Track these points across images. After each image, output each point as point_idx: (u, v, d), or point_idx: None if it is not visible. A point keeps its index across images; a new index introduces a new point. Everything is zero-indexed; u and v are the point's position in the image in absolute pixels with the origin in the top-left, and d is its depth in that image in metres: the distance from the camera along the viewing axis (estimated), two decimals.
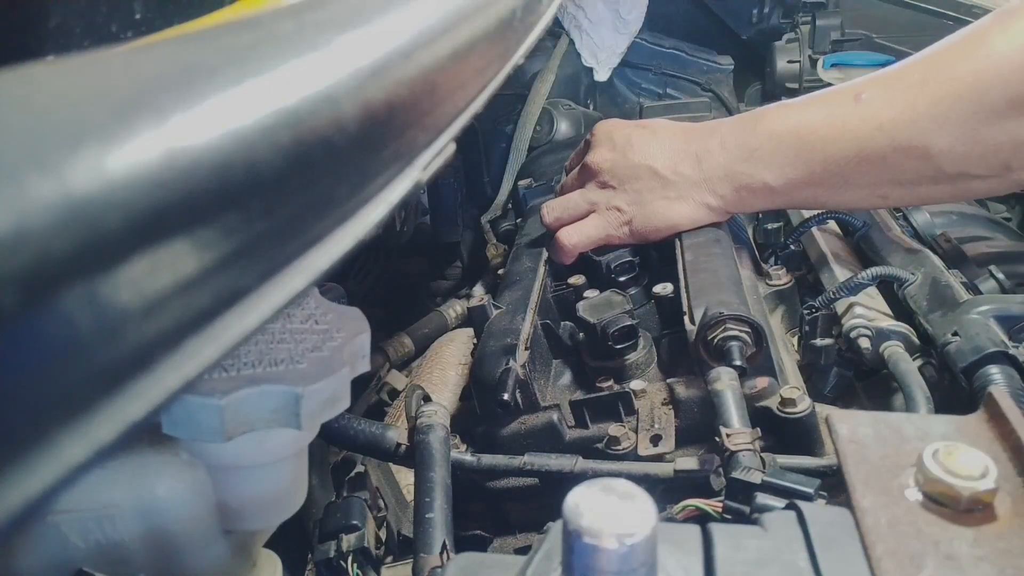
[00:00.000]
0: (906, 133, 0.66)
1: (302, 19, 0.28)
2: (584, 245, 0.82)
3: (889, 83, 0.69)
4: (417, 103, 0.32)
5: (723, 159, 0.76)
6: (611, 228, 0.81)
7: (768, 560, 0.36)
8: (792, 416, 0.61)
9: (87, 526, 0.46)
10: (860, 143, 0.69)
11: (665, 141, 0.80)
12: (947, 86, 0.64)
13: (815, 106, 0.73)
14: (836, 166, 0.70)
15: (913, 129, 0.66)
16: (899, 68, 0.70)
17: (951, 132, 0.64)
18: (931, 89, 0.65)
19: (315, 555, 0.60)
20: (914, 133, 0.66)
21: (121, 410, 0.19)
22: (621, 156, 0.81)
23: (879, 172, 0.69)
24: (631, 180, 0.80)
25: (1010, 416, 0.41)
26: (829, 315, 0.76)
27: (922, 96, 0.65)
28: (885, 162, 0.68)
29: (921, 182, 0.68)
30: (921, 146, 0.66)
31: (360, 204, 0.29)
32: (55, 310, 0.16)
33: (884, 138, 0.67)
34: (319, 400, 0.45)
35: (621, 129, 0.84)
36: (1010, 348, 0.65)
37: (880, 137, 0.67)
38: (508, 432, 0.69)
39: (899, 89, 0.67)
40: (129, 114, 0.19)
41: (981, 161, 0.65)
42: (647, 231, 0.80)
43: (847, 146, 0.69)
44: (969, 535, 0.36)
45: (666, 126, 0.84)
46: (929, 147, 0.65)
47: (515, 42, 0.50)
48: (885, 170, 0.69)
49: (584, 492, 0.31)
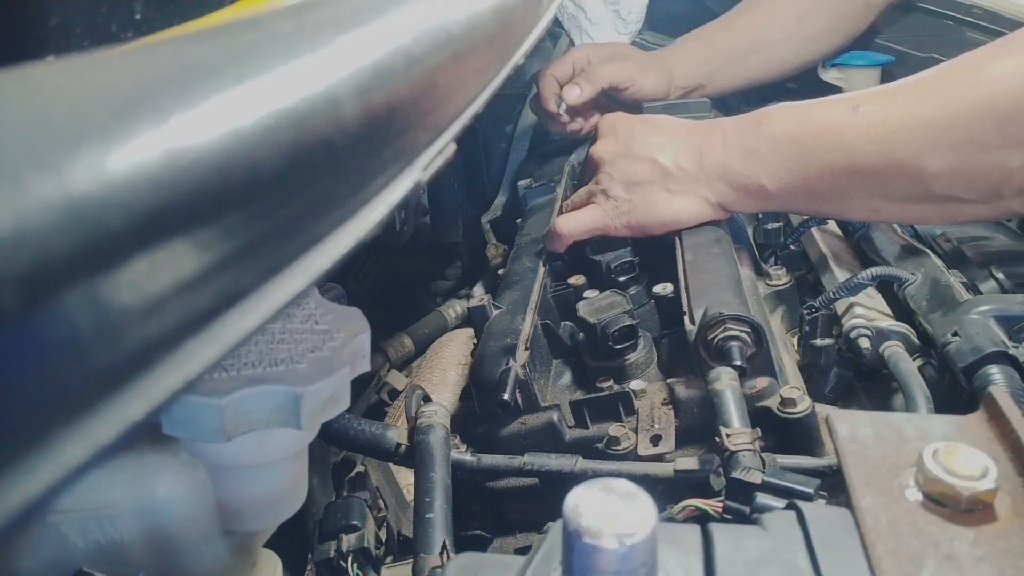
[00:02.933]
0: (899, 150, 0.67)
1: (302, 19, 0.28)
2: (579, 233, 0.83)
3: (887, 99, 0.69)
4: (417, 103, 0.32)
5: (723, 156, 0.76)
6: (609, 218, 0.81)
7: (768, 560, 0.36)
8: (792, 416, 0.61)
9: (87, 526, 0.46)
10: (854, 154, 0.69)
11: (668, 135, 0.80)
12: (942, 110, 0.65)
13: (814, 113, 0.74)
14: (830, 175, 0.71)
15: (906, 148, 0.66)
16: (898, 85, 0.70)
17: (942, 156, 0.65)
18: (927, 111, 0.65)
19: (315, 555, 0.60)
20: (907, 151, 0.66)
21: (121, 410, 0.19)
22: (623, 148, 0.81)
23: (871, 185, 0.70)
24: (632, 172, 0.80)
25: (1010, 416, 0.41)
26: (829, 315, 0.76)
27: (918, 117, 0.66)
28: (878, 176, 0.68)
29: (912, 200, 0.69)
30: (913, 165, 0.66)
31: (360, 204, 0.29)
32: (55, 310, 0.16)
33: (877, 152, 0.67)
34: (319, 400, 0.45)
35: (624, 122, 0.85)
36: (1010, 348, 0.65)
37: (873, 151, 0.68)
38: (508, 432, 0.69)
39: (896, 106, 0.68)
40: (129, 114, 0.19)
41: (970, 187, 0.65)
42: (647, 224, 0.80)
43: (841, 156, 0.70)
44: (969, 535, 0.36)
45: (669, 121, 0.84)
46: (921, 167, 0.66)
47: (515, 42, 0.51)
48: (877, 184, 0.69)
49: (584, 492, 0.31)
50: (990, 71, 0.64)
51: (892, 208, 0.71)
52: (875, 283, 0.76)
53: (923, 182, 0.66)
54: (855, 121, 0.69)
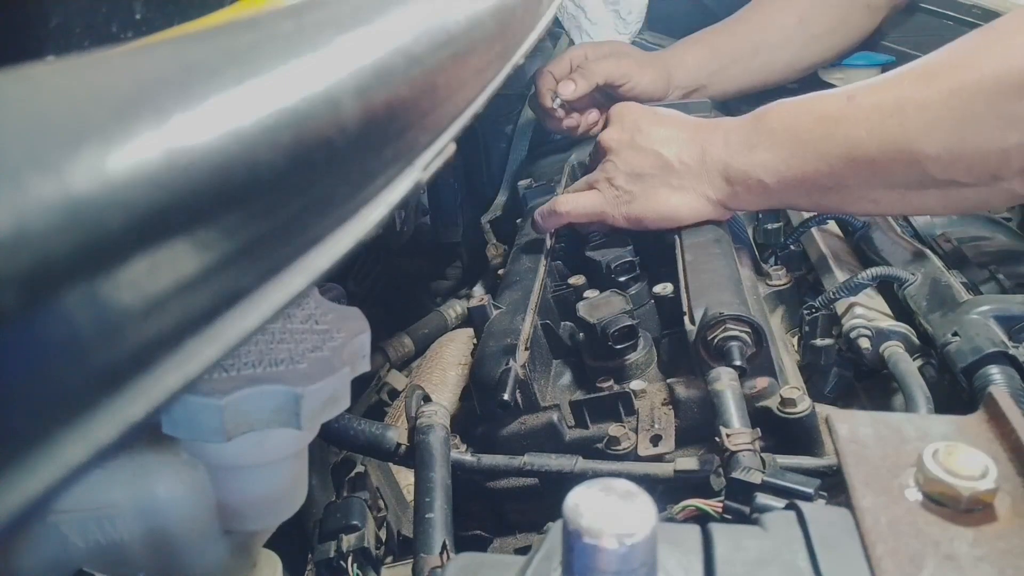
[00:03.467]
0: (895, 136, 0.67)
1: (302, 19, 0.28)
2: (577, 215, 0.84)
3: (881, 87, 0.70)
4: (417, 103, 0.32)
5: (724, 154, 0.76)
6: (607, 206, 0.82)
7: (768, 560, 0.36)
8: (792, 416, 0.61)
9: (87, 526, 0.46)
10: (850, 144, 0.69)
11: (673, 130, 0.81)
12: (935, 93, 0.65)
13: (810, 105, 0.74)
14: (827, 166, 0.71)
15: (902, 133, 0.66)
16: (892, 74, 0.70)
17: (938, 139, 0.65)
18: (920, 95, 0.66)
19: (315, 555, 0.60)
20: (902, 137, 0.66)
21: (121, 410, 0.19)
22: (629, 138, 0.82)
23: (869, 175, 0.70)
24: (636, 163, 0.80)
25: (1010, 416, 0.41)
26: (829, 315, 0.76)
27: (911, 101, 0.66)
28: (875, 164, 0.68)
29: (911, 187, 0.69)
30: (909, 150, 0.66)
31: (360, 204, 0.29)
32: (55, 310, 0.16)
33: (874, 140, 0.68)
34: (319, 400, 0.45)
35: (632, 112, 0.85)
36: (1010, 348, 0.65)
37: (870, 138, 0.68)
38: (508, 432, 0.69)
39: (889, 93, 0.68)
40: (129, 114, 0.19)
41: (969, 170, 0.65)
42: (644, 216, 0.80)
43: (838, 145, 0.70)
44: (969, 535, 0.36)
45: (676, 116, 0.84)
46: (917, 152, 0.66)
47: (515, 42, 0.51)
48: (875, 173, 0.69)
49: (584, 492, 0.31)
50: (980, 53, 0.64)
51: (892, 197, 0.71)
52: (875, 283, 0.76)
53: (921, 167, 0.66)
54: (850, 110, 0.69)
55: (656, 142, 0.80)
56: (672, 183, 0.79)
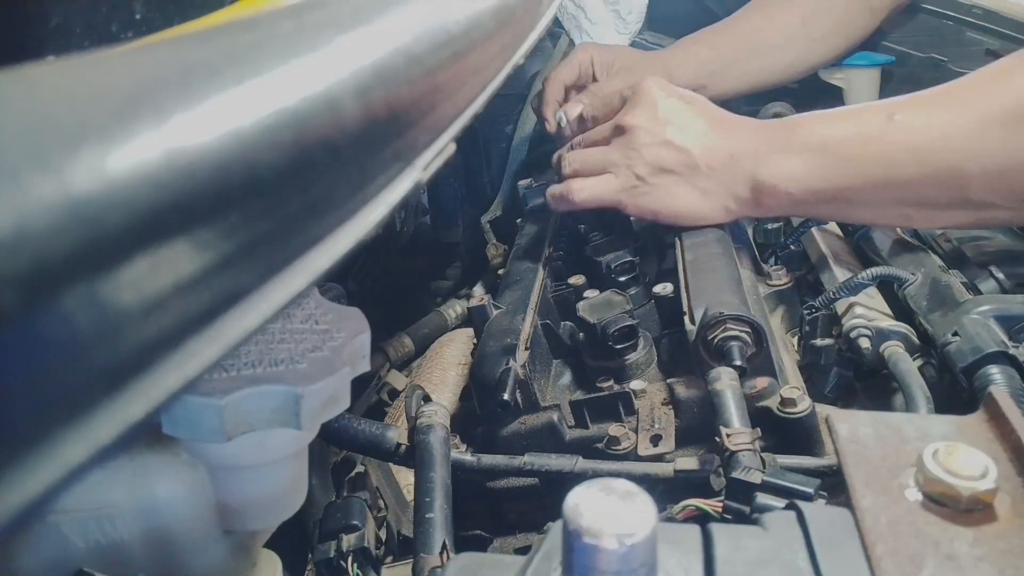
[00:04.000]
0: (938, 159, 0.66)
1: (302, 19, 0.28)
2: (592, 202, 0.81)
3: (924, 106, 0.69)
4: (417, 103, 0.32)
5: (753, 164, 0.75)
6: (625, 195, 0.79)
7: (768, 560, 0.36)
8: (792, 416, 0.61)
9: (87, 526, 0.46)
10: (889, 165, 0.68)
11: (706, 129, 0.78)
12: (982, 115, 0.64)
13: (847, 122, 0.73)
14: (862, 184, 0.70)
15: (946, 155, 0.66)
16: (935, 92, 0.69)
17: (982, 164, 0.64)
18: (967, 117, 0.65)
19: (315, 555, 0.60)
20: (946, 160, 0.66)
21: (121, 410, 0.19)
22: (661, 129, 0.78)
23: (905, 194, 0.69)
24: (662, 157, 0.78)
25: (1010, 416, 0.41)
26: (829, 315, 0.76)
27: (958, 123, 0.65)
28: (912, 185, 0.68)
29: (947, 207, 0.68)
30: (953, 174, 0.66)
31: (360, 204, 0.29)
32: (55, 310, 0.16)
33: (915, 162, 0.67)
34: (319, 400, 0.45)
35: (666, 99, 0.80)
36: (1010, 348, 0.65)
37: (910, 161, 0.67)
38: (508, 432, 0.69)
39: (934, 114, 0.67)
40: (129, 114, 0.19)
41: (1010, 193, 0.65)
42: (661, 212, 0.79)
43: (876, 166, 0.69)
44: (969, 535, 0.36)
45: (712, 112, 0.81)
46: (962, 176, 0.65)
47: (515, 42, 0.51)
48: (912, 193, 0.69)
49: (584, 492, 0.31)
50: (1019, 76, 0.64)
51: (924, 215, 0.70)
52: (875, 283, 0.76)
53: (963, 190, 0.66)
54: (891, 129, 0.68)
55: (688, 140, 0.77)
56: (695, 184, 0.77)
